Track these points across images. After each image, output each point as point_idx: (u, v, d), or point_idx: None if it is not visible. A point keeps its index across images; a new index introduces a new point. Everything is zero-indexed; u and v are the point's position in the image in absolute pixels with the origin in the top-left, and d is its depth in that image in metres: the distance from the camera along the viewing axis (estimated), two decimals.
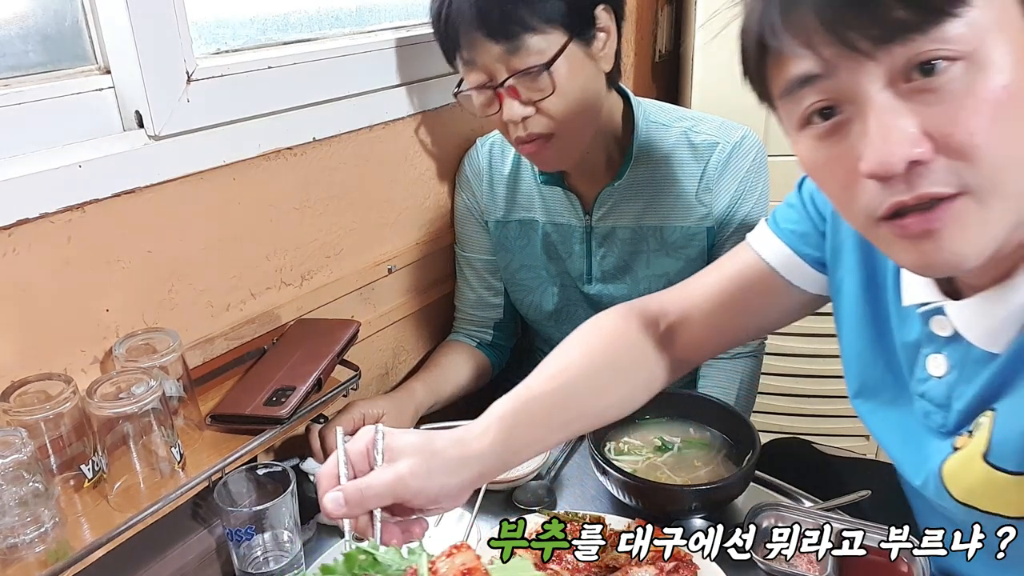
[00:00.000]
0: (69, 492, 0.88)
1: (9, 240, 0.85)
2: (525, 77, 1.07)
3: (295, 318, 1.18)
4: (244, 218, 1.09)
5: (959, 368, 0.71)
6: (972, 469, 0.69)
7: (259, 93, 1.06)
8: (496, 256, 1.37)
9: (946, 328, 0.70)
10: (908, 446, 0.78)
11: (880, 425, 0.84)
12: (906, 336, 0.77)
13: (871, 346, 0.83)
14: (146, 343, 0.95)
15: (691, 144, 1.21)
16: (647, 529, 0.92)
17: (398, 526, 0.73)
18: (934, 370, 0.73)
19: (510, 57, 1.06)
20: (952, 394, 0.72)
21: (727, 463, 1.03)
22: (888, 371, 0.81)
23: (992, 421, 0.67)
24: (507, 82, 1.07)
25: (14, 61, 0.91)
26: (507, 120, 1.11)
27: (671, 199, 1.22)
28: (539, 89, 1.08)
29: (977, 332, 0.67)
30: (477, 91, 1.12)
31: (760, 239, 0.91)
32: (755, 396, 1.34)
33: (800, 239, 0.88)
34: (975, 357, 0.69)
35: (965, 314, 0.68)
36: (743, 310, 0.92)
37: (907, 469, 0.79)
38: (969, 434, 0.70)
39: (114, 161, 0.92)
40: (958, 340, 0.70)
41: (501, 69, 1.07)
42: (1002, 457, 0.66)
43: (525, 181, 1.31)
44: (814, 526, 0.92)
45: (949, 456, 0.72)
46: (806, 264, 0.88)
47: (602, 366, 0.88)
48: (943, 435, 0.74)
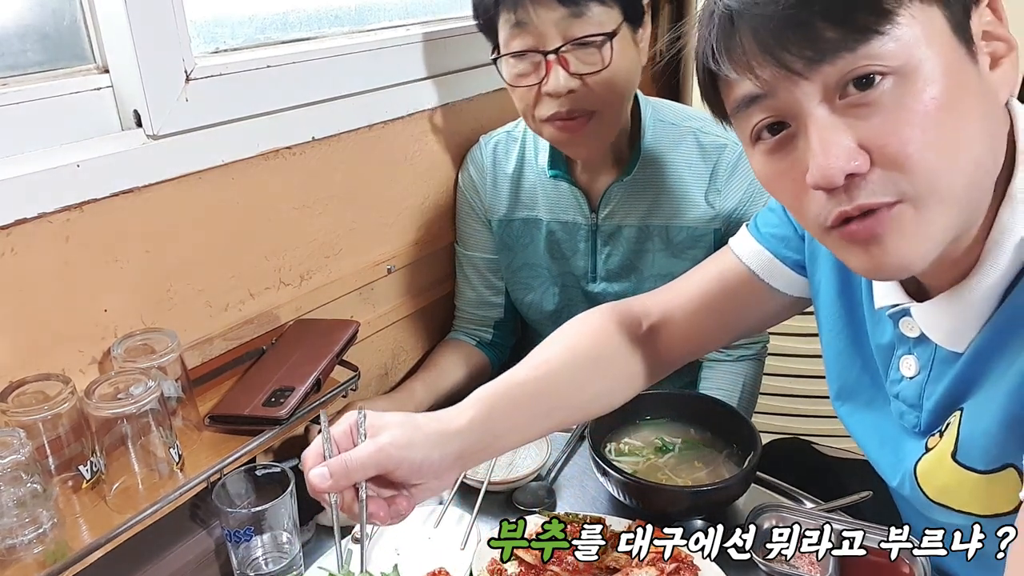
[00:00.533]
0: (67, 493, 0.88)
1: (7, 240, 0.84)
2: (580, 47, 1.06)
3: (294, 318, 1.17)
4: (243, 218, 1.08)
5: (928, 368, 0.73)
6: (943, 468, 0.71)
7: (258, 92, 1.06)
8: (498, 255, 1.37)
9: (914, 329, 0.72)
10: (885, 447, 0.80)
11: (859, 427, 0.85)
12: (880, 338, 0.78)
13: (848, 348, 0.84)
14: (144, 343, 0.95)
15: (700, 145, 1.21)
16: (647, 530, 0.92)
17: (384, 501, 0.74)
18: (906, 371, 0.75)
19: (571, 23, 1.05)
20: (923, 394, 0.74)
21: (728, 464, 1.03)
22: (865, 373, 0.83)
23: (959, 420, 0.69)
24: (561, 49, 1.06)
25: (12, 60, 0.91)
26: (550, 91, 1.08)
27: (678, 199, 1.21)
28: (591, 62, 1.07)
29: (940, 333, 0.69)
30: (518, 57, 1.09)
31: (741, 243, 0.93)
32: (756, 398, 1.33)
33: (780, 242, 0.89)
34: (941, 357, 0.71)
35: (928, 315, 0.70)
36: (725, 312, 0.94)
37: (885, 470, 0.81)
38: (940, 434, 0.72)
39: (112, 161, 0.91)
40: (926, 341, 0.71)
41: (556, 36, 1.06)
42: (969, 456, 0.68)
43: (529, 179, 1.30)
44: (815, 527, 0.91)
45: (922, 456, 0.74)
46: (786, 267, 0.90)
47: (584, 360, 0.90)
48: (917, 435, 0.75)
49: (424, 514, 0.98)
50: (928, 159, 0.57)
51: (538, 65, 1.08)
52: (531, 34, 1.07)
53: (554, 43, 1.06)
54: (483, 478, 1.00)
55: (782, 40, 0.57)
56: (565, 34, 1.05)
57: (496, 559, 0.90)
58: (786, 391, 1.99)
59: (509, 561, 0.90)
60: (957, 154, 0.58)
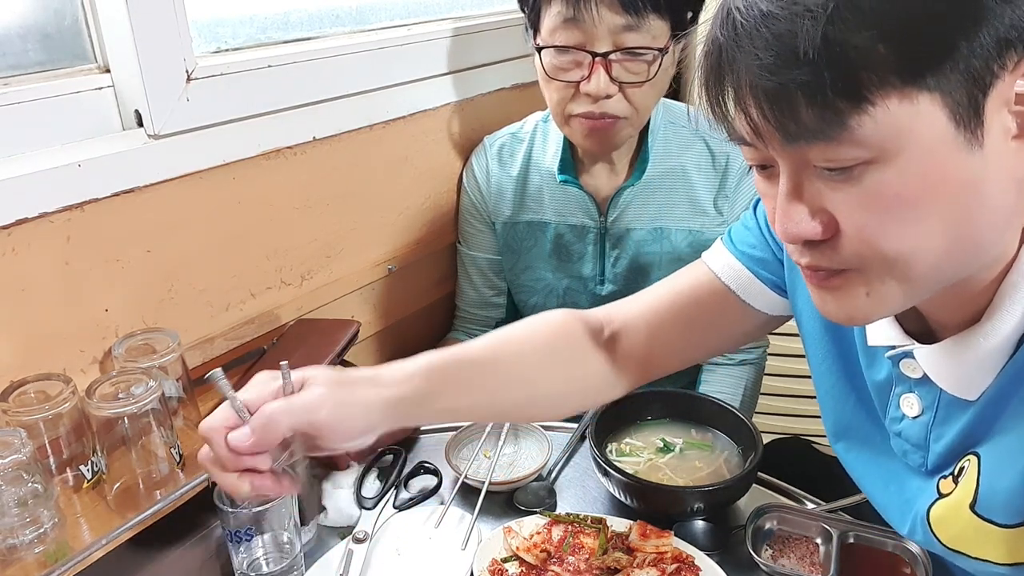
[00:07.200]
0: (68, 493, 0.88)
1: (8, 240, 0.84)
2: (631, 57, 1.06)
3: (295, 318, 1.17)
4: (244, 218, 1.08)
5: (933, 409, 0.69)
6: (959, 518, 0.67)
7: (259, 92, 1.06)
8: (501, 256, 1.37)
9: (916, 371, 0.69)
10: (891, 487, 0.76)
11: (860, 466, 0.81)
12: (875, 375, 0.75)
13: (840, 384, 0.80)
14: (145, 343, 0.95)
15: (710, 150, 1.21)
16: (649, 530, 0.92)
17: None
18: (908, 410, 0.71)
19: (626, 32, 1.05)
20: (929, 435, 0.70)
21: (729, 464, 1.03)
22: (860, 408, 0.79)
23: (977, 471, 0.65)
24: (611, 55, 1.06)
25: (14, 60, 0.91)
26: (591, 92, 1.08)
27: (687, 203, 1.22)
28: (636, 72, 1.07)
29: (949, 380, 0.66)
30: (560, 51, 1.09)
31: (716, 257, 0.89)
32: (756, 402, 1.34)
33: (758, 263, 0.86)
34: (948, 400, 0.67)
35: (935, 361, 0.66)
36: (692, 327, 0.90)
37: (893, 515, 0.77)
38: (953, 478, 0.68)
39: (113, 160, 0.91)
40: (929, 382, 0.68)
41: (607, 40, 1.05)
42: (990, 510, 0.64)
43: (534, 182, 1.30)
44: (816, 527, 0.91)
45: (936, 501, 0.70)
46: (764, 286, 0.86)
47: (541, 348, 0.86)
48: (925, 474, 0.72)
49: (425, 514, 0.98)
50: (888, 245, 0.55)
51: (581, 63, 1.08)
52: (582, 32, 1.06)
53: (604, 46, 1.06)
54: (484, 478, 1.00)
55: (759, 104, 0.54)
56: (617, 41, 1.05)
57: (496, 559, 0.90)
58: (786, 391, 1.99)
59: (509, 561, 0.90)
60: (923, 243, 0.55)
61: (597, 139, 1.14)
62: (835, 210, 0.56)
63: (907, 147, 0.53)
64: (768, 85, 0.53)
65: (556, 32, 1.08)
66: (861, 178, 0.54)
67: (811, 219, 0.57)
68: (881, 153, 0.53)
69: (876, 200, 0.55)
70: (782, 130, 0.54)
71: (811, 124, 0.53)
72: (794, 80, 0.52)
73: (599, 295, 1.30)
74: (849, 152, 0.53)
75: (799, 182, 0.57)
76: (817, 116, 0.52)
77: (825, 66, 0.50)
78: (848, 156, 0.53)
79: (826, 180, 0.56)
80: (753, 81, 0.54)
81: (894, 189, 0.54)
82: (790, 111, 0.53)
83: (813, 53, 0.50)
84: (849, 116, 0.52)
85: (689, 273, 0.91)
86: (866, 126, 0.52)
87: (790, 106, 0.53)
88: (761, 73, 0.53)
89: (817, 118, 0.52)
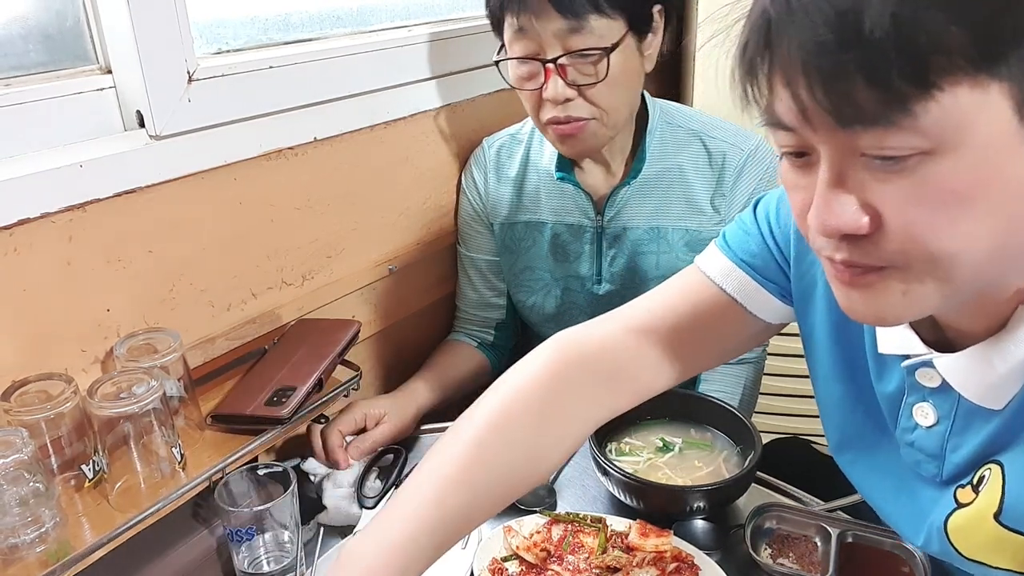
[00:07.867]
0: (70, 492, 0.88)
1: (10, 240, 0.85)
2: (579, 58, 1.07)
3: (296, 318, 1.18)
4: (245, 218, 1.09)
5: (950, 419, 0.67)
6: (982, 529, 0.64)
7: (260, 93, 1.06)
8: (500, 257, 1.37)
9: (934, 380, 0.66)
10: (901, 497, 0.74)
11: (867, 476, 0.79)
12: (885, 385, 0.73)
13: (848, 394, 0.78)
14: (147, 343, 0.95)
15: (706, 149, 1.21)
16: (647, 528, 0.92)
17: None
18: (921, 420, 0.69)
19: (570, 35, 1.05)
20: (945, 445, 0.68)
21: (728, 464, 1.03)
22: (868, 418, 0.76)
23: (1002, 480, 0.63)
24: (560, 59, 1.06)
25: (15, 61, 0.91)
26: (549, 98, 1.09)
27: (684, 202, 1.22)
28: (588, 74, 1.08)
29: (974, 390, 0.63)
30: (519, 61, 1.11)
31: (714, 265, 0.84)
32: (756, 402, 1.34)
33: (762, 271, 0.82)
34: (967, 409, 0.65)
35: (959, 370, 0.64)
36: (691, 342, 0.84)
37: (904, 527, 0.75)
38: (973, 487, 0.66)
39: (115, 161, 0.91)
40: (947, 391, 0.66)
41: (556, 45, 1.06)
42: (1016, 519, 0.62)
43: (532, 182, 1.31)
44: (815, 527, 0.92)
45: (954, 511, 0.67)
46: (772, 296, 0.82)
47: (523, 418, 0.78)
48: (938, 484, 0.70)
49: None
50: (935, 244, 0.52)
51: (537, 72, 1.10)
52: (533, 40, 1.08)
53: (554, 52, 1.07)
54: None
55: (810, 85, 0.50)
56: (564, 45, 1.06)
57: (497, 558, 0.90)
58: (786, 391, 1.99)
59: (509, 560, 0.90)
60: (970, 244, 0.52)
61: (571, 143, 1.15)
62: (881, 203, 0.53)
63: (968, 139, 0.49)
64: (824, 64, 0.49)
65: (513, 44, 1.11)
66: (915, 170, 0.51)
67: (857, 210, 0.53)
68: (940, 144, 0.49)
69: (928, 194, 0.51)
70: (836, 113, 0.50)
71: (870, 108, 0.49)
72: (855, 60, 0.48)
73: (596, 294, 1.30)
74: (907, 140, 0.49)
75: (842, 171, 0.53)
76: (878, 100, 0.48)
77: (892, 47, 0.47)
78: (905, 144, 0.50)
79: (874, 171, 0.52)
80: (807, 59, 0.50)
81: (949, 184, 0.50)
82: (847, 93, 0.49)
83: (880, 32, 0.47)
84: (914, 102, 0.48)
85: (685, 283, 0.86)
86: (931, 113, 0.48)
87: (847, 88, 0.49)
88: (818, 51, 0.49)
89: (878, 102, 0.49)
